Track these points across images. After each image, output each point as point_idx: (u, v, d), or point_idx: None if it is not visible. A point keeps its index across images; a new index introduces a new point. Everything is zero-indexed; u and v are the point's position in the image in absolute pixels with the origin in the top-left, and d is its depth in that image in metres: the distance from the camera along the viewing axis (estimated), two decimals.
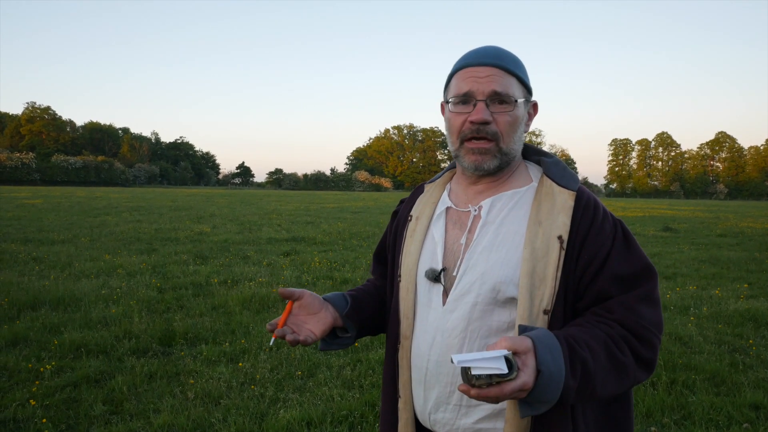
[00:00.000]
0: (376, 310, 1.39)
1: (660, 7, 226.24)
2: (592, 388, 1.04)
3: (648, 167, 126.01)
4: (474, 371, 0.92)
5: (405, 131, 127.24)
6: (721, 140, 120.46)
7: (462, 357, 0.92)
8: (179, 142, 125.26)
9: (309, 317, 1.25)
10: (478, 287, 1.15)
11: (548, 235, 1.14)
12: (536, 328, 1.04)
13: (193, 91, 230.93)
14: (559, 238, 1.14)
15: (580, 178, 1.24)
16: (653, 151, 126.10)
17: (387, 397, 1.33)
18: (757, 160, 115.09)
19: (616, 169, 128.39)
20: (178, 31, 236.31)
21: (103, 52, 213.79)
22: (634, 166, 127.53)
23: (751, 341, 5.17)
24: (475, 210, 1.23)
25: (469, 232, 1.22)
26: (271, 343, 1.25)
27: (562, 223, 1.15)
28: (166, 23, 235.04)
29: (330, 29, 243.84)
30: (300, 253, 10.87)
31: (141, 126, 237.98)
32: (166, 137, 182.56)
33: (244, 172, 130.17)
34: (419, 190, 1.43)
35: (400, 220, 1.40)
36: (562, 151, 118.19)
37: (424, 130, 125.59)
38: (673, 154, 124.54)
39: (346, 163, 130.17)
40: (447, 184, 1.36)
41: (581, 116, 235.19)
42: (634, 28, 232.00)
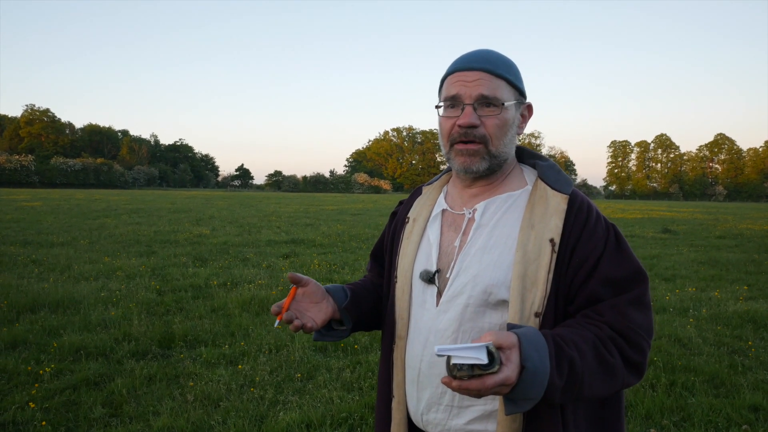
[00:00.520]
0: (372, 306, 1.41)
1: (659, 8, 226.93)
2: (579, 388, 1.04)
3: (647, 169, 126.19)
4: (454, 360, 0.92)
5: (404, 133, 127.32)
6: (720, 142, 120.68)
7: (444, 346, 0.92)
8: (178, 144, 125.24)
9: (311, 305, 1.26)
10: (470, 289, 1.17)
11: (540, 238, 1.15)
12: (524, 326, 1.04)
13: (193, 94, 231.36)
14: (551, 241, 1.14)
15: (579, 180, 1.26)
16: (652, 153, 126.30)
17: (381, 397, 1.34)
18: (756, 162, 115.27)
19: (616, 171, 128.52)
20: (177, 33, 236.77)
21: (103, 55, 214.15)
22: (633, 168, 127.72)
23: (750, 343, 5.18)
24: (470, 213, 1.25)
25: (463, 235, 1.23)
26: (276, 325, 1.25)
27: (554, 226, 1.16)
28: (165, 25, 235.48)
29: (329, 31, 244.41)
30: (299, 255, 10.87)
31: (140, 128, 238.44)
32: (166, 139, 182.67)
33: (244, 174, 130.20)
34: (417, 193, 1.44)
35: (398, 222, 1.41)
36: (561, 153, 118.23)
37: (424, 132, 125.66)
38: (672, 155, 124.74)
39: (346, 166, 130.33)
40: (444, 187, 1.38)
41: (580, 118, 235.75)
42: (633, 29, 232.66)
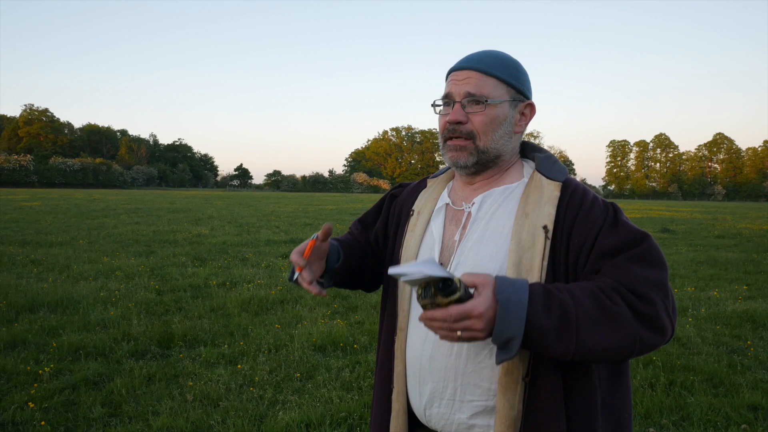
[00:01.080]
0: (356, 266, 1.41)
1: (659, 8, 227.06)
2: (576, 334, 1.03)
3: (646, 169, 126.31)
4: (403, 278, 0.89)
5: (403, 133, 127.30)
6: (719, 141, 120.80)
7: (396, 267, 0.91)
8: (177, 144, 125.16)
9: (315, 259, 1.28)
10: None
11: (534, 226, 1.16)
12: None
13: (192, 93, 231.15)
14: (544, 228, 1.16)
15: (578, 179, 1.26)
16: (651, 153, 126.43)
17: (380, 388, 1.35)
18: (755, 162, 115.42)
19: (615, 170, 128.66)
20: (177, 33, 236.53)
21: (102, 55, 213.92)
22: (632, 168, 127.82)
23: (749, 342, 5.18)
24: (469, 207, 1.28)
25: (463, 229, 1.26)
26: (295, 277, 1.25)
27: (547, 214, 1.17)
28: (165, 25, 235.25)
29: (329, 31, 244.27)
30: None
31: (139, 128, 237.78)
32: (165, 139, 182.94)
33: (243, 174, 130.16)
34: (422, 185, 1.45)
35: (402, 212, 1.43)
36: (561, 152, 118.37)
37: (423, 132, 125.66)
38: (671, 155, 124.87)
39: (345, 165, 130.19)
40: (449, 182, 1.40)
41: (579, 118, 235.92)
42: (632, 30, 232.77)
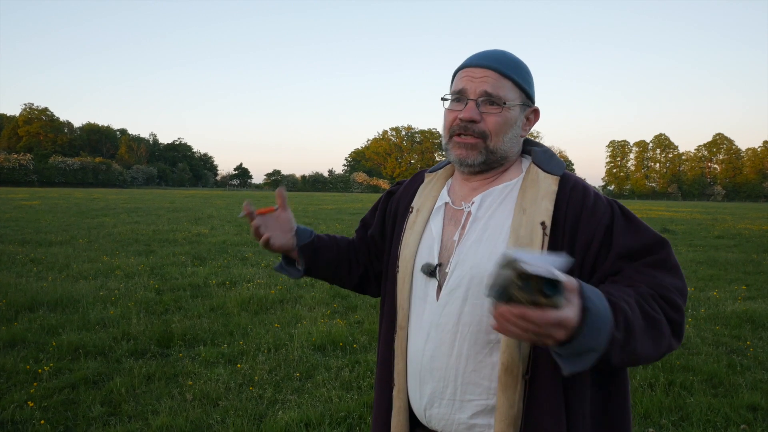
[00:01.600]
0: (332, 260, 1.47)
1: (659, 8, 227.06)
2: (634, 346, 0.99)
3: (646, 169, 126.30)
4: (525, 267, 0.81)
5: (403, 133, 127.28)
6: (719, 142, 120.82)
7: (514, 252, 0.83)
8: (177, 143, 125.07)
9: (276, 229, 1.37)
10: (467, 282, 1.17)
11: (531, 222, 1.16)
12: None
13: (192, 93, 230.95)
14: (542, 224, 1.15)
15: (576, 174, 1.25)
16: (651, 153, 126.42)
17: (381, 386, 1.35)
18: (755, 162, 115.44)
19: (614, 170, 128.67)
20: (177, 32, 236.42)
21: (101, 54, 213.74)
22: (632, 168, 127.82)
23: (748, 343, 5.19)
24: (468, 207, 1.26)
25: (462, 229, 1.24)
26: (240, 216, 1.37)
27: (544, 209, 1.16)
28: (165, 25, 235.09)
29: (329, 31, 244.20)
30: None
31: (139, 127, 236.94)
32: (164, 138, 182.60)
33: (242, 173, 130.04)
34: (419, 179, 1.44)
35: (399, 210, 1.42)
36: (560, 152, 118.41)
37: (422, 132, 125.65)
38: (670, 155, 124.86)
39: (344, 165, 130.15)
40: (448, 179, 1.38)
41: (579, 118, 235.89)
42: (632, 30, 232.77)
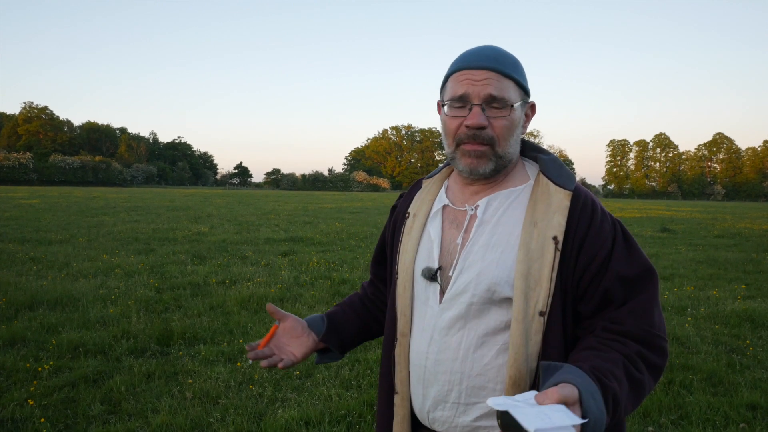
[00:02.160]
0: (358, 326, 1.46)
1: (659, 8, 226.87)
2: (619, 414, 1.04)
3: (646, 168, 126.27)
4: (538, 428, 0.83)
5: (403, 132, 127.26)
6: (719, 141, 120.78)
7: (532, 421, 0.84)
8: (177, 142, 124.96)
9: (292, 340, 1.35)
10: (473, 287, 1.15)
11: (543, 236, 1.13)
12: (563, 365, 1.00)
13: (192, 92, 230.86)
14: (554, 239, 1.13)
15: (577, 179, 1.23)
16: (651, 152, 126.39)
17: (384, 394, 1.34)
18: (755, 162, 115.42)
19: (614, 170, 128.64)
20: (176, 31, 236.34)
21: (101, 53, 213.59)
22: (632, 167, 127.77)
23: (748, 342, 5.19)
24: (472, 209, 1.23)
25: (465, 232, 1.21)
26: (249, 364, 1.37)
27: (557, 224, 1.14)
28: (165, 24, 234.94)
29: (328, 31, 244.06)
30: (298, 253, 10.86)
31: (139, 126, 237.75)
32: (164, 137, 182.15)
33: (242, 172, 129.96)
34: (417, 186, 1.42)
35: (398, 217, 1.40)
36: (560, 151, 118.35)
37: (422, 131, 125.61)
38: (670, 155, 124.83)
39: (344, 164, 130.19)
40: (445, 181, 1.36)
41: (579, 117, 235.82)
42: (632, 29, 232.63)
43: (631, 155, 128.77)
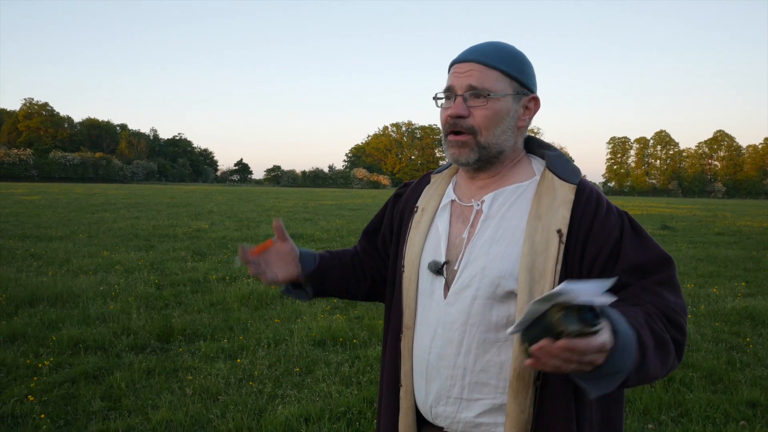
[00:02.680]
0: (339, 278, 1.45)
1: (660, 5, 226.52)
2: (647, 366, 1.01)
3: (646, 165, 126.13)
4: (580, 298, 0.83)
5: (403, 129, 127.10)
6: (720, 139, 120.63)
7: (564, 288, 0.84)
8: (177, 138, 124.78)
9: (280, 262, 1.34)
10: (478, 281, 1.16)
11: (548, 229, 1.14)
12: None
13: (192, 88, 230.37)
14: (558, 231, 1.14)
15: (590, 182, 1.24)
16: (651, 150, 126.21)
17: (388, 386, 1.33)
18: (755, 159, 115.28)
19: (615, 167, 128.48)
20: (177, 28, 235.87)
21: (102, 49, 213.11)
22: (633, 165, 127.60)
23: (748, 339, 5.19)
24: (478, 205, 1.24)
25: (471, 227, 1.23)
26: (237, 265, 1.34)
27: (561, 217, 1.15)
28: (165, 20, 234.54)
29: (329, 28, 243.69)
30: None
31: (139, 122, 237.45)
32: (165, 134, 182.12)
33: (243, 169, 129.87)
34: (426, 180, 1.43)
35: (405, 210, 1.41)
36: (561, 148, 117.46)
37: (423, 128, 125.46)
38: (671, 152, 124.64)
39: (345, 161, 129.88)
40: (453, 177, 1.37)
41: (579, 114, 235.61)
42: (632, 26, 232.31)
43: (632, 152, 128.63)
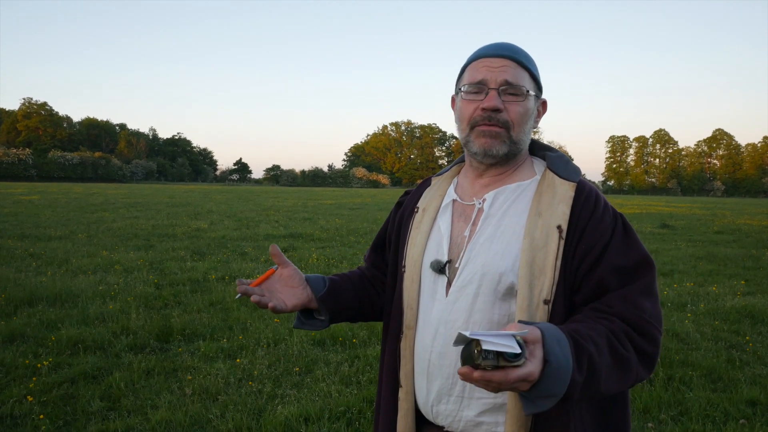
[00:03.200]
0: (354, 299, 1.41)
1: (659, 4, 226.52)
2: (597, 385, 1.02)
3: (645, 164, 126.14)
4: (485, 345, 0.85)
5: (403, 128, 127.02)
6: (719, 137, 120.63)
7: (474, 332, 0.87)
8: (177, 138, 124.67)
9: (285, 288, 1.29)
10: (479, 278, 1.16)
11: (548, 225, 1.15)
12: (538, 322, 1.00)
13: (192, 88, 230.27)
14: (558, 227, 1.14)
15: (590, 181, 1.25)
16: (651, 148, 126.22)
17: (387, 387, 1.33)
18: (754, 158, 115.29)
19: (614, 166, 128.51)
20: (177, 27, 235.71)
21: (100, 48, 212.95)
22: (632, 163, 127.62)
23: (747, 338, 5.19)
24: (480, 203, 1.24)
25: (473, 225, 1.23)
26: (237, 297, 1.29)
27: (561, 213, 1.16)
28: (164, 20, 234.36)
29: (328, 27, 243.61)
30: (298, 249, 10.87)
31: (138, 122, 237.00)
32: (164, 133, 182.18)
33: (242, 168, 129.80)
34: (426, 184, 1.44)
35: (405, 212, 1.41)
36: (560, 147, 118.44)
37: (422, 127, 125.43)
38: (670, 151, 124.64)
39: (344, 160, 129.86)
40: (454, 178, 1.37)
41: (579, 113, 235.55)
42: (631, 25, 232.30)
43: (631, 151, 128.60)
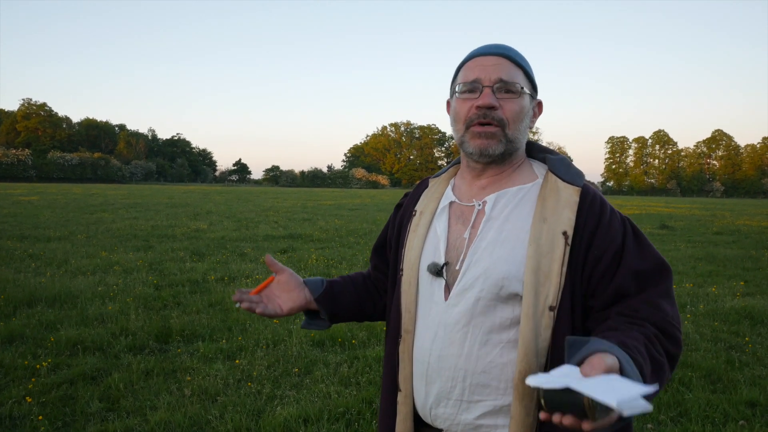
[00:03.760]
0: (354, 300, 1.43)
1: (659, 4, 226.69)
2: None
3: (645, 165, 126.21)
4: (597, 399, 0.77)
5: (402, 128, 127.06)
6: (718, 138, 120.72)
7: (607, 394, 0.78)
8: (176, 138, 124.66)
9: (283, 293, 1.34)
10: (481, 282, 1.15)
11: (553, 231, 1.14)
12: (589, 339, 0.96)
13: (191, 88, 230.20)
14: (564, 233, 1.13)
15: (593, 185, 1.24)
16: (650, 149, 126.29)
17: (387, 391, 1.33)
18: (754, 158, 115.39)
19: (613, 166, 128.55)
20: (176, 28, 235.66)
21: (100, 49, 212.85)
22: (631, 164, 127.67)
23: (747, 339, 5.19)
24: (479, 205, 1.23)
25: (473, 228, 1.21)
26: (237, 307, 1.31)
27: (566, 219, 1.14)
28: (164, 20, 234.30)
29: (328, 27, 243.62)
30: (297, 250, 10.87)
31: (138, 123, 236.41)
32: (163, 134, 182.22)
33: (241, 169, 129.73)
34: (423, 185, 1.43)
35: (404, 215, 1.40)
36: (559, 148, 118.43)
37: (422, 128, 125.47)
38: (669, 152, 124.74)
39: (344, 161, 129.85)
40: (451, 180, 1.36)
41: (578, 114, 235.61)
42: (631, 26, 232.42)
43: (630, 152, 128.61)
